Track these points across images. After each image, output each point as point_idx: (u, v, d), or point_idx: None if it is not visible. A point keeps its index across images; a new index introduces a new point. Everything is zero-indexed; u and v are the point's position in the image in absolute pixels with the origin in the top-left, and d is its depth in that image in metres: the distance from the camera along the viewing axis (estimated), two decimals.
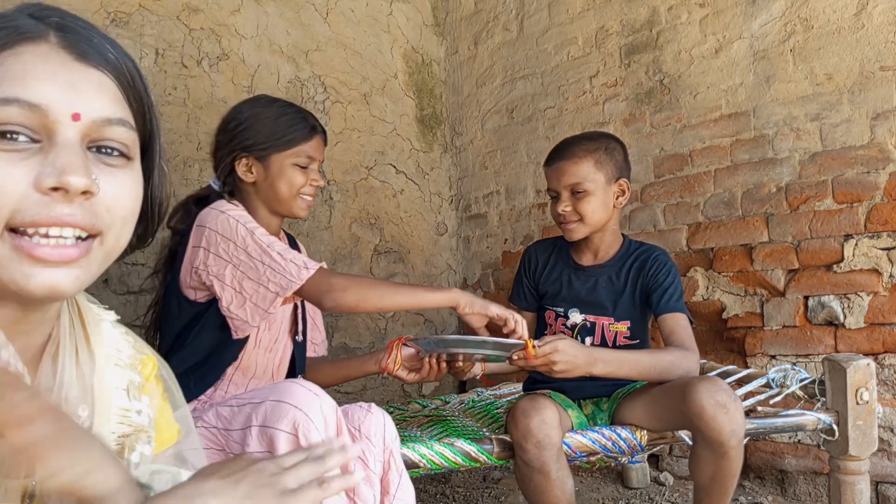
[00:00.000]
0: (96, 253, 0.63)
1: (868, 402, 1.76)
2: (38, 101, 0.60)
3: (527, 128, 3.23)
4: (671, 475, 2.56)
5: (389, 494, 1.26)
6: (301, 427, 1.16)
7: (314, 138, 1.61)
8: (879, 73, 2.17)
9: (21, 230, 0.59)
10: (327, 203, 3.25)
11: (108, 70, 0.66)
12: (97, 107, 0.63)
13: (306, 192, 1.62)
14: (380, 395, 3.27)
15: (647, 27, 2.75)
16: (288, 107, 1.62)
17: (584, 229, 1.80)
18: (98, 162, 0.63)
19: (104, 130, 0.63)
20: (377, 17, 3.46)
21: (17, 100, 0.59)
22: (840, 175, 2.25)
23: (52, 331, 0.70)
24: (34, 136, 0.60)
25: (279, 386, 1.25)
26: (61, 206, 0.59)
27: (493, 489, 2.54)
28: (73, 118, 0.61)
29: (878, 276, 2.17)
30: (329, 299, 1.44)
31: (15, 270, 0.59)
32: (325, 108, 3.24)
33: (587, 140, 1.83)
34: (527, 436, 1.51)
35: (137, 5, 2.71)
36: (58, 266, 0.60)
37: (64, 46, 0.64)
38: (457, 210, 3.70)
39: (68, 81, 0.62)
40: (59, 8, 0.68)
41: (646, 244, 1.89)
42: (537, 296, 1.95)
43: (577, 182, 1.76)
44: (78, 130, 0.62)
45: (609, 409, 1.83)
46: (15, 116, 0.59)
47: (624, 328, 1.82)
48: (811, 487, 2.32)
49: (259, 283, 1.44)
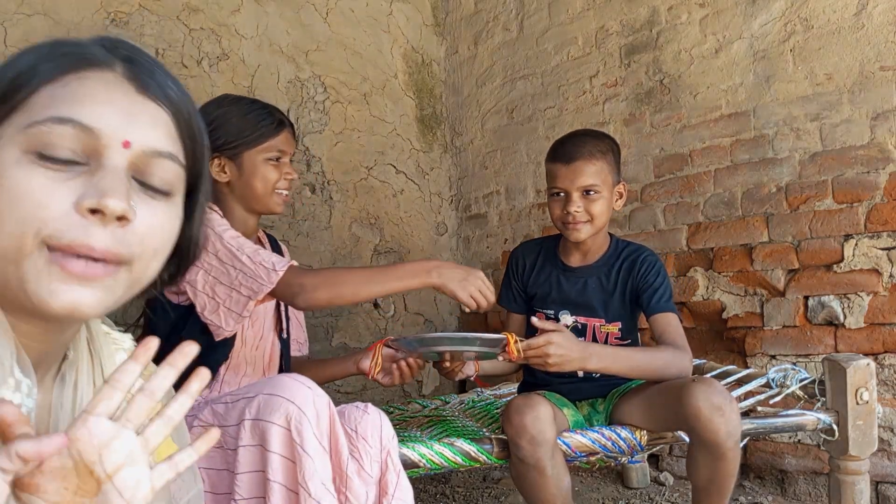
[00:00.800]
0: (122, 277, 0.63)
1: (868, 402, 1.76)
2: (93, 124, 0.61)
3: (527, 128, 3.23)
4: (671, 475, 2.56)
5: (388, 495, 1.25)
6: (294, 420, 1.15)
7: (283, 132, 1.61)
8: (879, 73, 2.16)
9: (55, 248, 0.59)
10: (327, 203, 3.25)
11: (166, 105, 0.67)
12: (149, 138, 0.64)
13: (281, 187, 1.62)
14: (379, 395, 3.27)
15: (647, 27, 2.74)
16: (253, 103, 1.63)
17: (589, 230, 1.77)
18: (140, 191, 0.64)
19: (152, 162, 0.64)
20: (377, 17, 3.46)
21: (72, 120, 0.60)
22: (840, 175, 2.24)
23: (68, 351, 0.70)
24: (82, 158, 0.61)
25: (272, 380, 1.25)
26: (96, 230, 0.59)
27: (493, 489, 2.54)
28: (124, 145, 0.62)
29: (878, 276, 2.16)
30: (301, 300, 1.42)
31: (42, 286, 0.59)
32: (325, 108, 3.24)
33: (597, 140, 1.80)
34: (521, 432, 1.51)
35: (137, 5, 2.71)
36: (83, 285, 0.60)
37: (128, 77, 0.66)
38: (457, 210, 3.70)
39: (126, 110, 0.64)
40: (132, 43, 0.70)
41: (633, 244, 1.88)
42: (526, 298, 1.93)
43: (593, 183, 1.73)
44: (126, 158, 0.62)
45: (605, 409, 1.83)
46: (68, 137, 0.60)
47: (615, 329, 1.81)
48: (811, 487, 2.32)
49: (231, 287, 1.43)
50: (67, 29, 2.53)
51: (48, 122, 0.60)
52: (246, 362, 1.60)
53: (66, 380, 0.69)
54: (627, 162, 2.82)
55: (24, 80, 0.63)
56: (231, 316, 1.45)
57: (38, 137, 0.60)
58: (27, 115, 0.61)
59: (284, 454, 1.16)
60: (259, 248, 1.47)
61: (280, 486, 1.15)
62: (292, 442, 1.15)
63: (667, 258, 2.66)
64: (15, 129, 0.61)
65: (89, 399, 0.68)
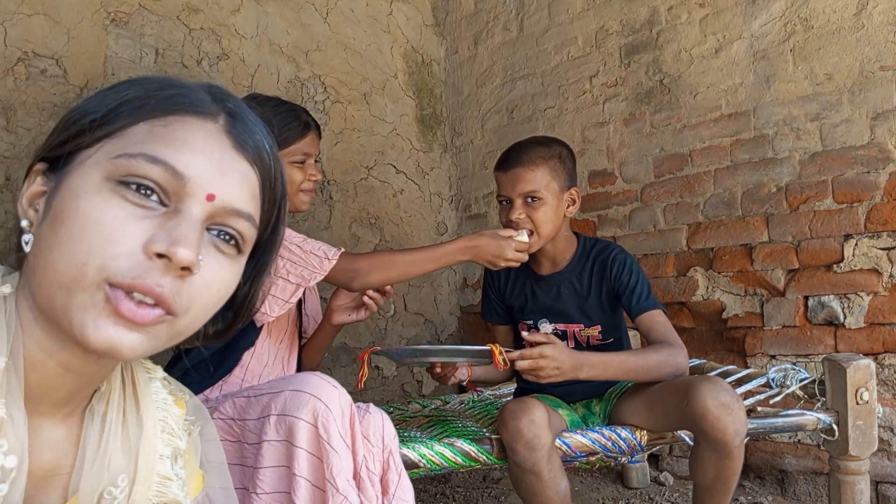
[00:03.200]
0: (168, 326, 0.61)
1: (868, 402, 1.76)
2: (183, 170, 0.61)
3: (527, 128, 3.23)
4: (671, 475, 2.56)
5: (389, 494, 1.26)
6: (321, 417, 1.17)
7: (308, 135, 1.65)
8: (879, 73, 2.17)
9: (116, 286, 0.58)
10: (327, 203, 3.25)
11: (258, 166, 0.67)
12: (234, 195, 0.64)
13: (306, 188, 1.67)
14: (380, 395, 3.27)
15: (647, 27, 2.75)
16: (281, 105, 1.64)
17: (537, 243, 1.75)
18: (210, 244, 0.63)
19: (229, 219, 0.64)
20: (377, 17, 3.46)
21: (165, 162, 0.60)
22: (840, 175, 2.25)
23: (102, 386, 0.69)
24: (165, 199, 0.60)
25: (298, 377, 1.26)
26: (156, 274, 0.58)
27: (493, 489, 2.54)
28: (208, 198, 0.62)
29: (878, 276, 2.17)
30: (357, 283, 1.54)
31: (89, 319, 0.57)
32: (325, 108, 3.24)
33: (541, 146, 1.79)
34: (516, 437, 1.50)
35: (137, 5, 2.71)
36: (128, 327, 0.58)
37: (228, 131, 0.66)
38: (457, 210, 3.70)
39: (218, 163, 0.63)
40: (237, 97, 0.69)
41: (601, 241, 1.87)
42: (506, 309, 1.94)
43: (533, 190, 1.73)
44: (205, 210, 0.62)
45: (603, 410, 1.83)
46: (156, 175, 0.60)
47: (595, 332, 1.81)
48: (811, 487, 2.32)
49: (278, 275, 1.47)
50: (67, 28, 2.53)
51: (140, 157, 0.60)
52: (269, 353, 1.63)
53: (95, 411, 0.68)
54: (627, 162, 2.82)
55: (126, 110, 0.62)
56: (277, 303, 1.49)
57: (125, 169, 0.59)
58: (121, 144, 0.61)
59: (311, 450, 1.17)
60: (306, 237, 1.52)
61: (306, 481, 1.16)
62: (319, 438, 1.17)
63: (667, 258, 2.66)
64: (104, 156, 0.60)
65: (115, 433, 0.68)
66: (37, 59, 2.46)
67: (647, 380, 1.66)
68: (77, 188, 0.59)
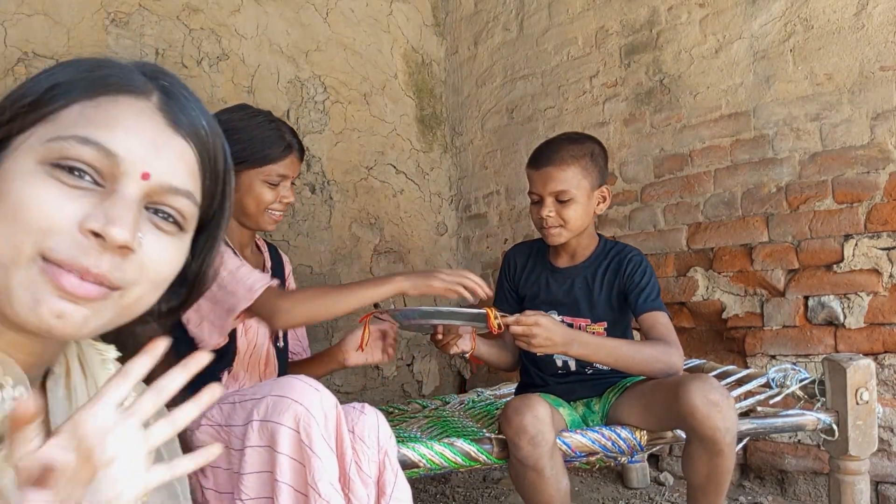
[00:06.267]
0: (113, 302, 0.61)
1: (868, 402, 1.76)
2: (116, 150, 0.60)
3: (527, 128, 3.23)
4: (671, 475, 2.56)
5: (386, 495, 1.25)
6: (302, 421, 1.16)
7: (288, 157, 1.60)
8: (879, 73, 2.16)
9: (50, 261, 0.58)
10: (327, 203, 3.25)
11: (194, 143, 0.66)
12: (170, 173, 0.64)
13: (275, 209, 1.62)
14: (380, 395, 3.27)
15: (647, 27, 2.74)
16: (267, 123, 1.60)
17: (566, 235, 1.78)
18: (149, 222, 0.63)
19: (166, 197, 0.64)
20: (377, 17, 3.46)
21: (97, 143, 0.60)
22: (840, 175, 2.24)
23: (56, 369, 0.68)
24: (99, 180, 0.60)
25: (280, 381, 1.25)
26: (93, 254, 0.58)
27: (493, 489, 2.54)
28: (143, 177, 0.61)
29: (878, 276, 2.16)
30: (277, 320, 1.46)
31: (28, 295, 0.58)
32: (325, 108, 3.24)
33: (573, 144, 1.80)
34: (520, 433, 1.51)
35: (137, 5, 2.71)
36: (70, 301, 0.58)
37: (161, 109, 0.65)
38: (457, 210, 3.70)
39: (152, 142, 0.63)
40: (173, 74, 0.69)
41: (621, 244, 1.89)
42: (518, 299, 1.95)
43: (563, 189, 1.74)
44: (141, 188, 0.61)
45: (601, 409, 1.83)
46: (87, 157, 0.59)
47: (600, 329, 1.82)
48: (811, 487, 2.32)
49: (214, 301, 1.45)
50: (67, 29, 2.53)
51: (72, 139, 0.59)
52: (243, 370, 1.62)
53: (50, 395, 0.68)
54: (627, 162, 2.82)
55: (58, 92, 0.62)
56: (214, 329, 1.48)
57: (58, 152, 0.59)
58: (53, 128, 0.60)
59: (293, 455, 1.17)
60: (242, 265, 1.49)
61: (288, 486, 1.16)
62: (301, 443, 1.16)
63: (667, 258, 2.66)
64: (38, 140, 0.60)
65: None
66: (37, 59, 2.46)
67: (637, 372, 1.67)
68: (13, 172, 0.59)
